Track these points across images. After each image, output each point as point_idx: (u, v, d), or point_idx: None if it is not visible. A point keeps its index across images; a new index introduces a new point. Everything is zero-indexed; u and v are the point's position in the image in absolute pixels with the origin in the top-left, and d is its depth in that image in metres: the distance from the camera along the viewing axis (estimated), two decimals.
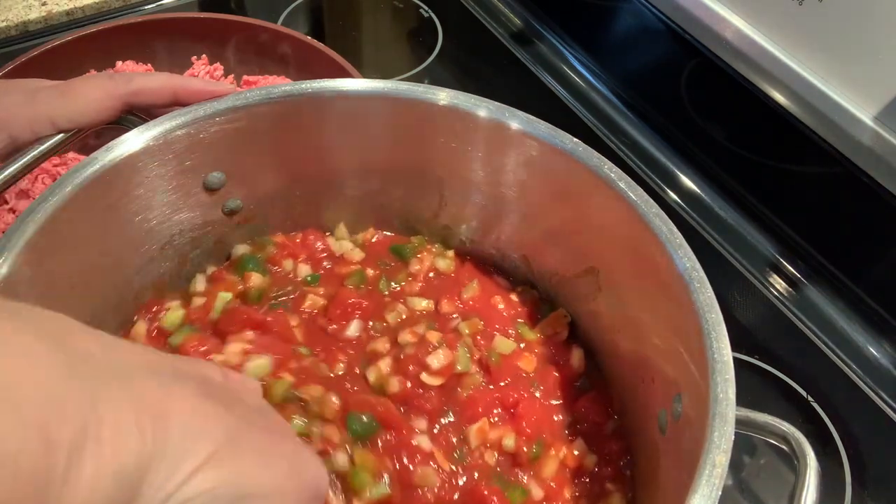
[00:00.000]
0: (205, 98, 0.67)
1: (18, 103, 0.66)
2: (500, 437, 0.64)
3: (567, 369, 0.71)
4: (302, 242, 0.78)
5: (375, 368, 0.66)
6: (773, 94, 0.92)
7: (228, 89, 0.68)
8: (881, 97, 0.81)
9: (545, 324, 0.74)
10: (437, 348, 0.66)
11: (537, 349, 0.72)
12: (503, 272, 0.79)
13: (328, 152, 0.74)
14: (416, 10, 1.33)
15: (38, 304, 0.58)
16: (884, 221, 0.88)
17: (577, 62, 1.25)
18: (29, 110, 0.65)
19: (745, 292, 0.97)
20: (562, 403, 0.69)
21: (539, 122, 0.68)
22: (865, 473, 0.81)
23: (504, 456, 0.64)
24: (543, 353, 0.72)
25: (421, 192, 0.77)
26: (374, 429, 0.61)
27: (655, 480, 0.62)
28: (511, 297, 0.76)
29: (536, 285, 0.77)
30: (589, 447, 0.66)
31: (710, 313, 0.54)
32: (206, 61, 1.08)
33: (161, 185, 0.68)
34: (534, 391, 0.68)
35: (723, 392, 0.50)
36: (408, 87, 0.71)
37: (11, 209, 0.90)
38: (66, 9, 1.24)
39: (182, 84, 0.69)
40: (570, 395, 0.69)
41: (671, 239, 0.59)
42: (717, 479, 0.47)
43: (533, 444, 0.64)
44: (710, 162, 1.08)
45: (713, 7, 0.94)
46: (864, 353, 0.91)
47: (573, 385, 0.70)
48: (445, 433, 0.64)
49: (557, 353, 0.72)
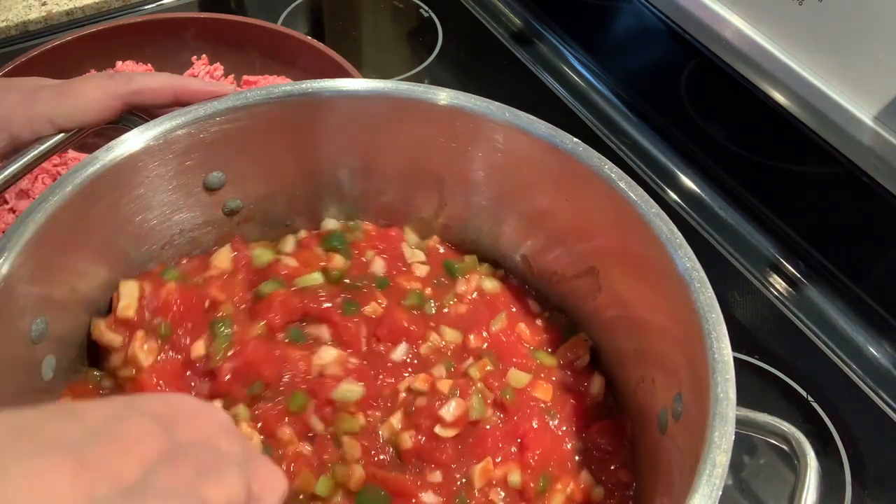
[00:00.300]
0: (205, 98, 0.67)
1: (18, 102, 0.66)
2: (506, 473, 0.62)
3: (586, 397, 0.69)
4: (385, 237, 0.77)
5: (388, 425, 0.64)
6: (773, 94, 0.92)
7: (228, 89, 0.68)
8: (881, 97, 0.81)
9: (565, 348, 0.71)
10: (448, 399, 0.64)
11: (555, 376, 0.69)
12: (538, 295, 0.76)
13: (328, 152, 0.74)
14: (416, 10, 1.33)
15: (38, 303, 0.59)
16: (884, 221, 0.88)
17: (577, 62, 1.25)
18: (29, 109, 0.65)
19: (745, 292, 0.97)
20: (575, 431, 0.66)
21: (539, 122, 0.68)
22: (865, 473, 0.81)
23: (509, 492, 0.62)
24: (561, 380, 0.69)
25: (421, 192, 0.77)
26: (386, 500, 0.60)
27: (655, 480, 0.62)
28: (536, 323, 0.74)
29: (536, 287, 0.77)
30: (597, 478, 0.64)
31: (710, 313, 0.54)
32: (206, 61, 1.08)
33: (161, 185, 0.68)
34: (549, 420, 0.66)
35: (723, 392, 0.50)
36: (408, 87, 0.71)
37: (11, 209, 0.90)
38: (66, 9, 1.24)
39: (182, 84, 0.68)
40: (584, 422, 0.67)
41: (671, 239, 0.59)
42: (717, 478, 0.47)
43: (539, 477, 0.62)
44: (710, 162, 1.08)
45: (713, 7, 0.94)
46: (864, 353, 0.91)
47: (590, 412, 0.68)
48: (451, 478, 0.62)
49: (577, 380, 0.70)
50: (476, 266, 0.77)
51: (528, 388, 0.67)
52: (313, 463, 0.62)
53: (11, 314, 0.56)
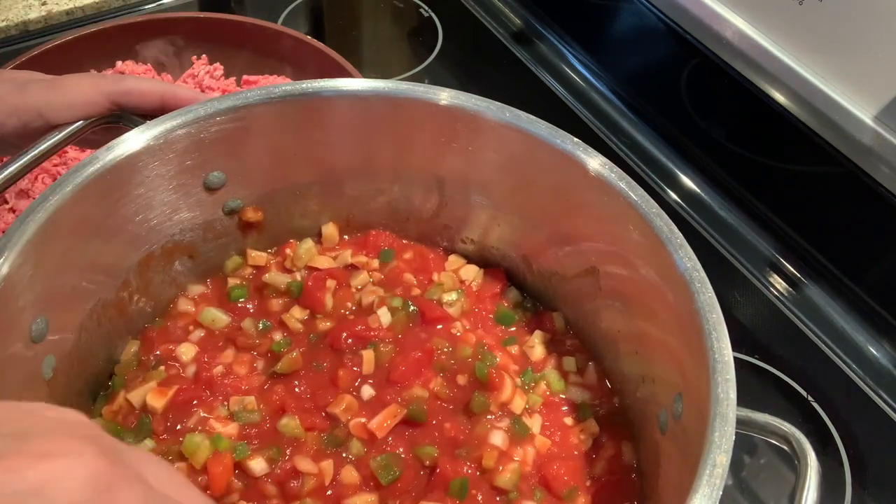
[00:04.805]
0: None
1: (8, 91, 0.66)
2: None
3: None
4: (422, 258, 0.78)
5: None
6: (773, 93, 0.92)
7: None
8: (881, 97, 0.81)
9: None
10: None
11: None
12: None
13: (328, 152, 0.74)
14: (416, 10, 1.33)
15: (38, 303, 0.59)
16: (884, 221, 0.88)
17: (577, 62, 1.25)
18: (18, 99, 0.66)
19: (745, 292, 0.97)
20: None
21: (539, 122, 0.68)
22: (865, 473, 0.81)
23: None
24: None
25: (421, 192, 0.77)
26: None
27: (656, 480, 0.62)
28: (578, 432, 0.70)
29: (536, 287, 0.77)
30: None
31: (710, 313, 0.54)
32: (205, 61, 1.08)
33: (161, 185, 0.68)
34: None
35: (723, 392, 0.50)
36: (408, 86, 0.71)
37: (11, 209, 0.90)
38: (66, 8, 1.24)
39: (171, 90, 0.69)
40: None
41: (672, 239, 0.59)
42: (717, 479, 0.47)
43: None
44: (710, 162, 1.08)
45: (713, 7, 0.94)
46: (864, 353, 0.91)
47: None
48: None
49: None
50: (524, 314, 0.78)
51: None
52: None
53: (11, 314, 0.56)
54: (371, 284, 0.76)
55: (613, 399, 0.71)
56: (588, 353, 0.74)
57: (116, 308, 0.69)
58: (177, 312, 0.75)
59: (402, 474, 0.64)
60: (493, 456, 0.64)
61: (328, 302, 0.74)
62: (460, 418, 0.67)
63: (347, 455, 0.65)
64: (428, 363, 0.70)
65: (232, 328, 0.73)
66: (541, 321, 0.76)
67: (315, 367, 0.70)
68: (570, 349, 0.75)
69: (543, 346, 0.74)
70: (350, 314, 0.74)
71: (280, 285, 0.75)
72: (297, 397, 0.68)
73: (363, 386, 0.68)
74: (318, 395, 0.68)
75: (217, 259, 0.77)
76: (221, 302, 0.75)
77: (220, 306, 0.74)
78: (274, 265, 0.77)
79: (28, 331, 0.58)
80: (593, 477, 0.65)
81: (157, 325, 0.73)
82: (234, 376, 0.69)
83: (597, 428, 0.68)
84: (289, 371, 0.69)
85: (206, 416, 0.66)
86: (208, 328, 0.73)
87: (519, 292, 0.78)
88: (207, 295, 0.76)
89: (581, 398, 0.71)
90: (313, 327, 0.73)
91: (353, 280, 0.76)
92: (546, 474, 0.64)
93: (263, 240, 0.78)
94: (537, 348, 0.73)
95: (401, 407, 0.67)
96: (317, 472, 0.63)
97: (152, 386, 0.67)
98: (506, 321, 0.76)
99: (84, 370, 0.67)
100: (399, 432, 0.66)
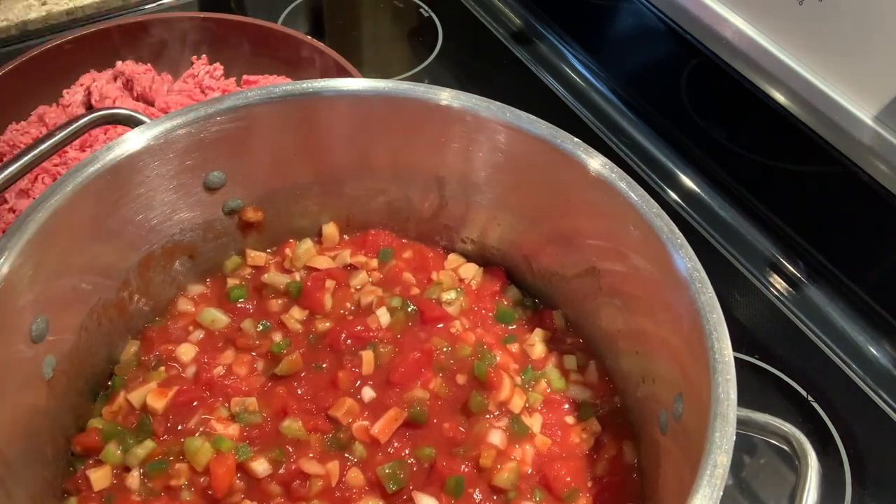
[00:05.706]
0: None
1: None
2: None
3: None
4: (422, 257, 0.78)
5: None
6: (773, 93, 0.92)
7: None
8: (881, 97, 0.81)
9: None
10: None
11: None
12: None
13: (328, 152, 0.74)
14: (416, 10, 1.33)
15: (38, 303, 0.59)
16: (884, 221, 0.88)
17: (577, 62, 1.25)
18: None
19: (745, 292, 0.97)
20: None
21: (539, 122, 0.68)
22: (865, 473, 0.81)
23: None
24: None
25: (421, 192, 0.77)
26: None
27: (656, 480, 0.62)
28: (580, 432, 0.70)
29: (536, 286, 0.77)
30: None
31: (711, 314, 0.54)
32: (205, 61, 1.08)
33: (162, 185, 0.68)
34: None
35: (724, 392, 0.50)
36: (408, 86, 0.71)
37: (11, 209, 0.89)
38: (66, 9, 1.24)
39: None
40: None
41: (672, 239, 0.59)
42: (718, 479, 0.47)
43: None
44: (710, 162, 1.08)
45: (713, 7, 0.94)
46: (864, 353, 0.91)
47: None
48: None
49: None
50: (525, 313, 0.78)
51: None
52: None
53: (11, 314, 0.56)
54: (370, 284, 0.76)
55: (615, 398, 0.71)
56: (589, 351, 0.74)
57: (116, 308, 0.69)
58: (177, 312, 0.75)
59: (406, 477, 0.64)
60: (491, 455, 0.64)
61: (327, 302, 0.74)
62: (459, 418, 0.67)
63: (351, 457, 0.65)
64: (427, 363, 0.70)
65: (232, 329, 0.73)
66: (541, 319, 0.76)
67: (315, 369, 0.70)
68: (571, 347, 0.75)
69: (544, 344, 0.74)
70: (349, 314, 0.74)
71: (279, 285, 0.75)
72: (298, 399, 0.68)
73: (363, 388, 0.68)
74: (318, 396, 0.68)
75: (217, 259, 0.77)
76: (221, 302, 0.75)
77: (220, 306, 0.75)
78: (273, 265, 0.77)
79: (28, 331, 0.58)
80: (595, 477, 0.65)
81: (157, 325, 0.73)
82: (235, 377, 0.69)
83: (599, 427, 0.68)
84: (289, 373, 0.69)
85: (208, 418, 0.66)
86: (208, 329, 0.73)
87: (519, 290, 0.78)
88: (207, 295, 0.76)
89: (582, 397, 0.71)
90: (312, 328, 0.73)
91: (353, 280, 0.76)
92: (547, 474, 0.64)
93: (263, 240, 0.78)
94: (538, 346, 0.73)
95: (402, 410, 0.67)
96: (324, 473, 0.63)
97: (152, 386, 0.67)
98: (506, 319, 0.76)
99: (84, 370, 0.67)
100: (400, 434, 0.66)
